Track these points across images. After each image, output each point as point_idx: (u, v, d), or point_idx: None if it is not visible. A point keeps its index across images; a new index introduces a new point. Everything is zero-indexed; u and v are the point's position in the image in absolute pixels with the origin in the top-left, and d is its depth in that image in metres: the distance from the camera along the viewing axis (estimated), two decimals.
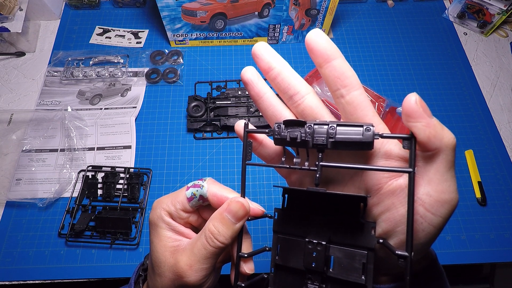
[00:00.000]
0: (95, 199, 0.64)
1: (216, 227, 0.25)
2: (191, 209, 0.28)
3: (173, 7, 0.73)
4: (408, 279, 0.20)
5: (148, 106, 0.76)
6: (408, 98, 0.20)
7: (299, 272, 0.24)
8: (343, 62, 0.23)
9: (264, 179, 0.68)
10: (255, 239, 0.63)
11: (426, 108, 0.20)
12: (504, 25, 0.89)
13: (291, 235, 0.25)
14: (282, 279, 0.25)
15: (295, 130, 0.23)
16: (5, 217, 0.63)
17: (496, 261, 0.61)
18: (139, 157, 0.70)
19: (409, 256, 0.20)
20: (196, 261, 0.25)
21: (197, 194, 0.27)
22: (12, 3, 0.76)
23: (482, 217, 0.65)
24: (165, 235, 0.27)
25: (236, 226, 0.26)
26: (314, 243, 0.22)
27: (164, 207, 0.28)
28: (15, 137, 0.69)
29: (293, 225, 0.25)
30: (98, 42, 0.85)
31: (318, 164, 0.23)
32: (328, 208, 0.24)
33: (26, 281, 0.58)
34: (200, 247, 0.25)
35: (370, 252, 0.22)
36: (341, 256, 0.23)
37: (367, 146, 0.21)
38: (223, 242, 0.25)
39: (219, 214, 0.26)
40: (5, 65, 0.81)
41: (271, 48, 0.25)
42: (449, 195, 0.21)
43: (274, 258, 0.25)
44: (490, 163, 0.70)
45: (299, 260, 0.24)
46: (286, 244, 0.25)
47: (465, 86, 0.80)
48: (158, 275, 0.27)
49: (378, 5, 0.92)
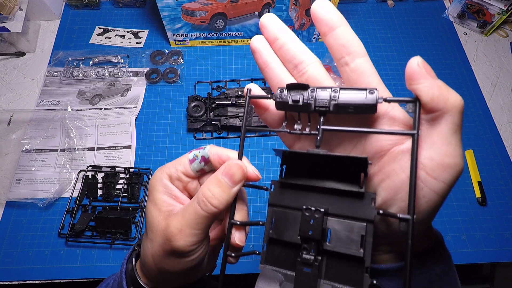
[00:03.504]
0: (95, 199, 0.64)
1: (210, 190, 0.24)
2: (192, 173, 0.27)
3: (173, 7, 0.73)
4: (409, 243, 0.19)
5: (148, 106, 0.76)
6: (410, 61, 0.20)
7: (294, 246, 0.23)
8: (347, 29, 0.22)
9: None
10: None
11: (430, 70, 0.20)
12: (504, 25, 0.89)
13: (287, 208, 0.24)
14: (275, 254, 0.24)
15: (298, 93, 0.23)
16: (5, 217, 0.63)
17: (496, 261, 0.61)
18: (139, 157, 0.70)
19: (411, 218, 0.19)
20: (186, 225, 0.24)
21: (198, 155, 0.27)
22: (12, 3, 0.76)
23: (482, 217, 0.65)
24: (160, 198, 0.26)
25: (232, 190, 0.24)
26: (312, 210, 0.22)
27: (165, 170, 0.27)
28: (15, 137, 0.69)
29: (290, 198, 0.24)
30: (98, 42, 0.85)
31: (320, 127, 0.23)
32: (328, 176, 0.23)
33: (26, 281, 0.58)
34: (191, 211, 0.24)
35: (369, 224, 0.21)
36: (338, 228, 0.22)
37: (370, 109, 0.21)
38: (217, 207, 0.24)
39: (215, 177, 0.24)
40: (5, 65, 0.81)
41: (278, 19, 0.25)
42: (453, 159, 0.20)
43: (267, 233, 0.24)
44: (490, 163, 0.70)
45: (294, 233, 0.23)
46: (282, 217, 0.24)
47: (465, 86, 0.80)
48: (150, 240, 0.26)
49: (378, 5, 0.92)
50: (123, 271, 0.29)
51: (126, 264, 0.30)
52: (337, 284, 0.21)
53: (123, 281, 0.29)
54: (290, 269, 0.23)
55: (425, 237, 0.25)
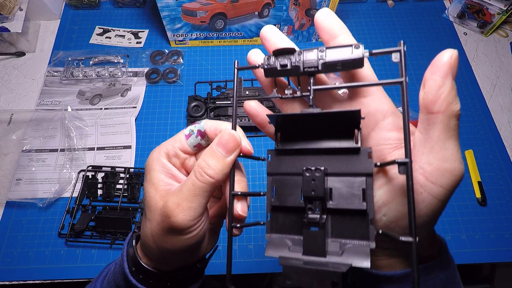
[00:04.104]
0: (95, 199, 0.64)
1: (206, 161, 0.24)
2: (189, 149, 0.27)
3: (173, 7, 0.73)
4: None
5: (148, 106, 0.76)
6: (445, 51, 0.19)
7: (298, 210, 0.23)
8: (348, 37, 0.23)
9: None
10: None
11: (456, 68, 0.19)
12: (504, 25, 0.89)
13: (286, 175, 0.24)
14: (280, 222, 0.24)
15: (285, 58, 0.23)
16: (5, 217, 0.63)
17: (496, 261, 0.61)
18: (139, 157, 0.70)
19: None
20: (184, 198, 0.24)
21: (194, 129, 0.27)
22: (12, 3, 0.76)
23: (482, 217, 0.65)
24: (157, 177, 0.26)
25: (227, 160, 0.24)
26: (312, 170, 0.22)
27: (162, 149, 0.27)
28: (15, 137, 0.69)
29: (287, 164, 0.24)
30: (98, 42, 0.85)
31: (310, 88, 0.23)
32: (323, 137, 0.24)
33: (26, 281, 0.58)
34: (188, 184, 0.24)
35: (368, 178, 0.22)
36: (339, 186, 0.22)
37: (358, 64, 0.21)
38: (213, 177, 0.24)
39: (209, 148, 0.25)
40: (5, 65, 0.81)
41: (278, 31, 0.25)
42: (451, 164, 0.20)
43: (269, 202, 0.24)
44: (490, 163, 0.70)
45: (296, 198, 0.23)
46: (282, 185, 0.24)
47: (465, 86, 0.80)
48: (149, 220, 0.26)
49: (378, 5, 0.92)
50: (124, 254, 0.29)
51: (127, 247, 0.30)
52: (344, 240, 0.22)
53: (124, 263, 0.29)
54: (297, 233, 0.23)
55: (428, 242, 0.25)
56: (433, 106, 0.20)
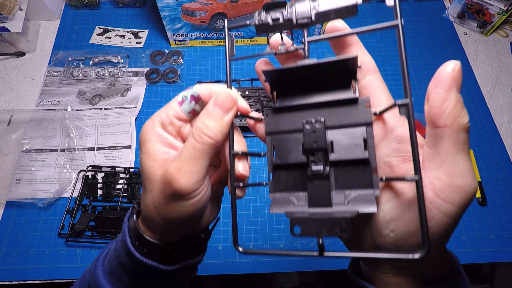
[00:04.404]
0: (95, 199, 0.64)
1: (203, 122, 0.24)
2: (184, 116, 0.26)
3: (173, 7, 0.73)
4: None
5: (148, 106, 0.76)
6: (448, 63, 0.19)
7: (300, 166, 0.23)
8: (358, 47, 0.23)
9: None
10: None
11: (460, 80, 0.19)
12: (504, 25, 0.89)
13: (285, 133, 0.24)
14: (282, 180, 0.24)
15: (277, 11, 0.23)
16: (5, 217, 0.63)
17: (496, 261, 0.61)
18: (139, 157, 0.70)
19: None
20: (185, 163, 0.23)
21: (187, 95, 0.26)
22: (12, 3, 0.76)
23: (482, 217, 0.65)
24: (154, 148, 0.25)
25: (225, 119, 0.24)
26: (312, 122, 0.22)
27: (156, 118, 0.26)
28: (15, 137, 0.69)
29: (286, 121, 0.24)
30: (98, 42, 0.85)
31: (305, 40, 0.22)
32: (319, 90, 0.23)
33: (26, 281, 0.58)
34: (188, 148, 0.23)
35: (368, 127, 0.22)
36: (340, 138, 0.22)
37: (351, 11, 0.21)
38: (212, 137, 0.23)
39: (206, 110, 0.24)
40: (5, 65, 0.81)
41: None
42: (462, 180, 0.19)
43: (271, 162, 0.24)
44: (490, 163, 0.70)
45: (298, 153, 0.23)
46: (282, 143, 0.24)
47: (465, 86, 0.80)
48: (149, 191, 0.25)
49: (378, 5, 0.92)
50: (126, 229, 0.28)
51: (127, 223, 0.29)
52: (348, 191, 0.22)
53: (127, 238, 0.28)
54: (301, 190, 0.23)
55: (439, 261, 0.24)
56: (439, 120, 0.19)
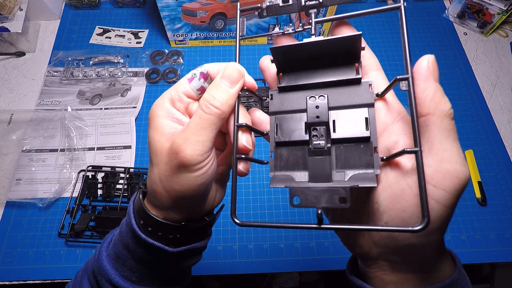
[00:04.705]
0: (95, 199, 0.64)
1: (211, 93, 0.25)
2: (193, 93, 0.27)
3: (173, 7, 0.73)
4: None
5: (148, 106, 0.76)
6: (422, 58, 0.20)
7: (301, 144, 0.24)
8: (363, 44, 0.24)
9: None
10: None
11: (436, 71, 0.20)
12: (504, 25, 0.89)
13: (289, 112, 0.24)
14: (283, 159, 0.24)
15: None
16: (5, 217, 0.63)
17: (496, 261, 0.61)
18: (139, 157, 0.70)
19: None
20: (192, 133, 0.24)
21: (197, 73, 0.27)
22: (12, 3, 0.76)
23: (482, 217, 0.65)
24: (162, 122, 0.26)
25: (231, 91, 0.25)
26: (315, 97, 0.22)
27: (166, 95, 0.27)
28: (15, 137, 0.69)
29: (289, 101, 0.25)
30: (98, 42, 0.85)
31: (312, 21, 0.24)
32: (324, 71, 0.24)
33: (26, 281, 0.58)
34: (195, 118, 0.24)
35: (370, 108, 0.22)
36: (342, 117, 0.23)
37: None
38: (219, 108, 0.24)
39: (214, 82, 0.25)
40: (5, 65, 0.81)
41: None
42: (451, 165, 0.19)
43: (273, 140, 0.24)
44: (490, 163, 0.70)
45: (300, 131, 0.23)
46: (285, 122, 0.24)
47: (465, 86, 0.80)
48: (155, 165, 0.26)
49: (378, 5, 0.92)
50: (131, 211, 0.29)
51: (133, 204, 0.29)
52: (349, 170, 0.22)
53: (132, 219, 0.28)
54: (302, 169, 0.23)
55: (435, 251, 0.24)
56: (422, 109, 0.20)
